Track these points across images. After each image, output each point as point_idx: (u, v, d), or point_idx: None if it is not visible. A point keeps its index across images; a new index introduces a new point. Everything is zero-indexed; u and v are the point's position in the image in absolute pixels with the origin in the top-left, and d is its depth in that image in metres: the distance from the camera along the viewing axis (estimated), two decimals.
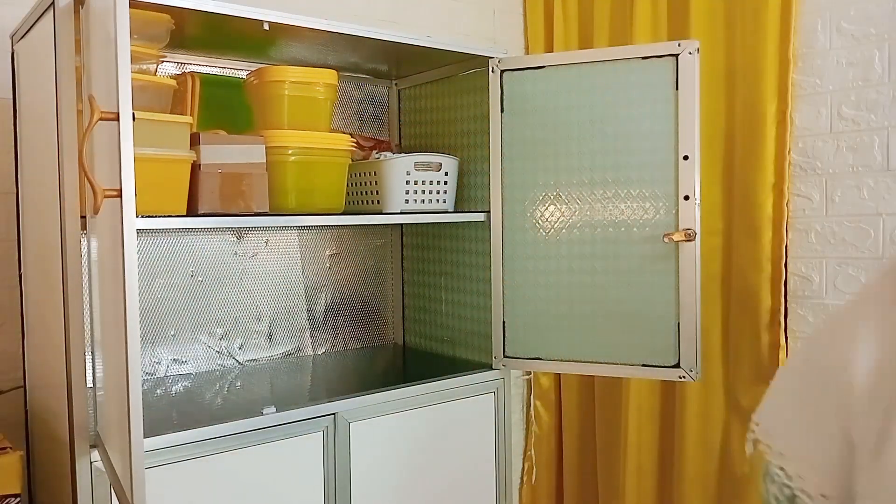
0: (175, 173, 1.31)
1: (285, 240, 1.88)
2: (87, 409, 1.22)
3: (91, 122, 0.99)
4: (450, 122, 1.84)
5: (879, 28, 1.78)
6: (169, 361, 1.71)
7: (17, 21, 1.41)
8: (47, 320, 1.33)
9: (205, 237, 1.75)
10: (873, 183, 1.81)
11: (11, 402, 1.53)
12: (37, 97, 1.32)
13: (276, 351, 1.87)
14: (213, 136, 1.37)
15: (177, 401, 1.56)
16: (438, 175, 1.71)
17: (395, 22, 2.09)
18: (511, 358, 1.71)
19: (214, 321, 1.77)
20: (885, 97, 1.78)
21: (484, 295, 1.75)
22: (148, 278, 1.66)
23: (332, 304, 1.96)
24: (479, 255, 1.78)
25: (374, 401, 1.50)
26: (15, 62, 1.47)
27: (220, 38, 1.55)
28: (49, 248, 1.27)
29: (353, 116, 1.98)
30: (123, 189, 0.99)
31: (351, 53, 1.69)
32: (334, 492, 1.44)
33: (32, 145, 1.39)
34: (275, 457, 1.36)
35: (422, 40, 1.60)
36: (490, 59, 1.67)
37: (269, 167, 1.42)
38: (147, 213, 1.22)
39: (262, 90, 1.50)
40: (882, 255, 1.83)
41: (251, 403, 1.46)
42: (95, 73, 1.18)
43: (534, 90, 1.65)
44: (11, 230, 1.52)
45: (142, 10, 1.23)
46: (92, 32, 1.19)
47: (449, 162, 1.73)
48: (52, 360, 1.28)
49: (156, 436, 1.23)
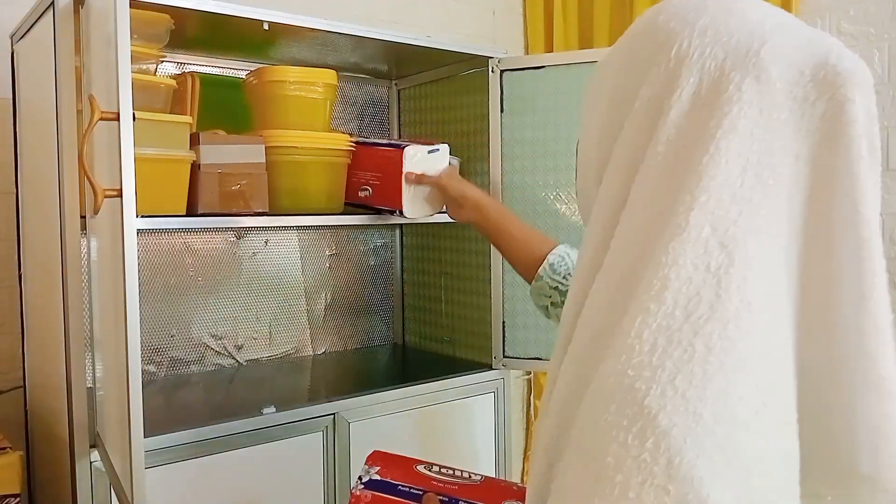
0: (175, 173, 1.31)
1: (285, 240, 1.88)
2: (87, 409, 1.22)
3: (91, 122, 0.99)
4: (450, 122, 1.84)
5: (879, 28, 1.79)
6: (169, 361, 1.71)
7: (17, 21, 1.41)
8: (47, 320, 1.33)
9: (205, 237, 1.75)
10: None
11: (11, 402, 1.53)
12: (37, 97, 1.32)
13: (276, 351, 1.87)
14: (212, 136, 1.37)
15: (177, 401, 1.56)
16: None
17: (395, 22, 2.09)
18: (511, 358, 1.71)
19: (214, 321, 1.77)
20: (885, 97, 1.78)
21: (484, 295, 1.75)
22: (148, 278, 1.66)
23: (332, 304, 1.96)
24: (479, 255, 1.78)
25: (374, 401, 1.50)
26: (15, 62, 1.47)
27: (220, 38, 1.55)
28: (49, 248, 1.27)
29: (353, 116, 1.98)
30: (123, 189, 0.99)
31: (351, 53, 1.69)
32: (334, 492, 1.44)
33: (32, 145, 1.39)
34: (275, 457, 1.36)
35: (422, 40, 1.60)
36: (490, 59, 1.67)
37: (269, 167, 1.42)
38: (147, 213, 1.22)
39: (260, 90, 1.50)
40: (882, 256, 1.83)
41: (251, 403, 1.46)
42: (95, 73, 1.18)
43: (534, 90, 1.65)
44: (11, 230, 1.52)
45: (142, 10, 1.23)
46: (92, 32, 1.19)
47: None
48: (52, 360, 1.28)
49: (156, 435, 1.23)
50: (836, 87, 0.47)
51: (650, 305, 0.46)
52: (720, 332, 0.44)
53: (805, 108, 0.48)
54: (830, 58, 0.48)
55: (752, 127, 0.47)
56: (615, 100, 0.56)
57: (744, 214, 0.46)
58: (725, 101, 0.48)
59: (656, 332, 0.45)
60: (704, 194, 0.46)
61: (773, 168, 0.47)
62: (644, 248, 0.48)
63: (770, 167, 0.47)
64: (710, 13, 0.51)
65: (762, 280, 0.46)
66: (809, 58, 0.48)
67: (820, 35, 0.50)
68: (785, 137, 0.48)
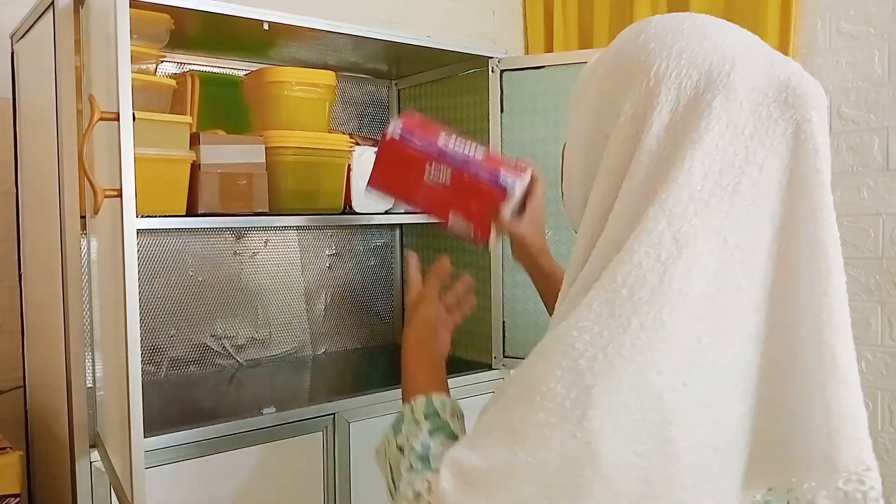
0: (175, 173, 1.31)
1: (285, 240, 1.88)
2: (87, 409, 1.22)
3: (91, 122, 0.99)
4: (450, 122, 1.84)
5: (879, 28, 1.78)
6: (169, 361, 1.71)
7: (17, 21, 1.41)
8: (47, 320, 1.33)
9: (205, 237, 1.75)
10: (873, 183, 1.81)
11: (11, 402, 1.53)
12: (37, 97, 1.32)
13: (276, 351, 1.87)
14: (212, 136, 1.38)
15: (177, 401, 1.56)
16: None
17: (395, 22, 2.09)
18: (511, 358, 1.71)
19: (214, 321, 1.77)
20: (885, 97, 1.78)
21: (484, 295, 1.75)
22: (148, 278, 1.66)
23: (332, 304, 1.96)
24: (479, 255, 1.78)
25: (374, 401, 1.50)
26: (15, 62, 1.47)
27: (220, 38, 1.55)
28: (49, 248, 1.27)
29: (353, 116, 1.98)
30: (123, 189, 0.99)
31: (351, 53, 1.69)
32: (334, 492, 1.44)
33: (32, 145, 1.39)
34: (275, 457, 1.36)
35: (422, 40, 1.60)
36: (490, 59, 1.67)
37: (269, 167, 1.42)
38: (147, 213, 1.22)
39: (258, 91, 1.50)
40: (882, 255, 1.83)
41: (251, 403, 1.46)
42: (95, 73, 1.18)
43: (534, 90, 1.65)
44: (11, 230, 1.52)
45: (142, 10, 1.23)
46: (92, 32, 1.19)
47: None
48: (52, 360, 1.28)
49: (156, 435, 1.23)
50: (796, 108, 0.54)
51: (605, 281, 0.53)
52: (655, 314, 0.51)
53: (769, 125, 0.54)
54: (792, 81, 0.55)
55: (718, 139, 0.53)
56: (599, 111, 0.62)
57: (699, 215, 0.52)
58: (699, 119, 0.54)
59: (603, 304, 0.52)
60: (665, 193, 0.53)
61: (735, 177, 0.53)
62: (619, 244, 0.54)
63: (731, 176, 0.53)
64: (685, 37, 0.57)
65: (706, 274, 0.52)
66: (774, 80, 0.55)
67: (783, 59, 0.57)
68: (749, 150, 0.54)
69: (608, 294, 0.52)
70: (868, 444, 0.53)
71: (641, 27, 0.61)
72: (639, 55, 0.59)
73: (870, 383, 1.83)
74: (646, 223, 0.53)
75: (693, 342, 0.51)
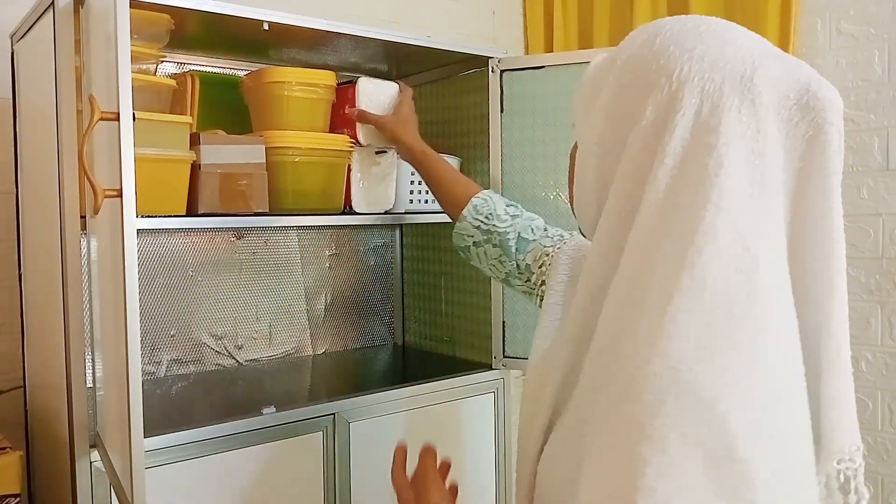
0: (175, 173, 1.31)
1: (285, 240, 1.88)
2: (87, 409, 1.22)
3: (91, 122, 0.99)
4: (450, 122, 1.84)
5: (879, 28, 1.79)
6: (169, 361, 1.71)
7: (17, 21, 1.41)
8: (47, 320, 1.33)
9: (205, 237, 1.75)
10: (873, 183, 1.81)
11: (11, 402, 1.53)
12: (37, 97, 1.32)
13: (276, 351, 1.87)
14: (212, 136, 1.37)
15: (177, 401, 1.56)
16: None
17: (395, 22, 2.09)
18: (511, 358, 1.71)
19: (214, 321, 1.77)
20: (885, 97, 1.78)
21: (484, 295, 1.75)
22: (148, 278, 1.66)
23: (332, 304, 1.96)
24: None
25: (374, 401, 1.50)
26: (15, 62, 1.47)
27: (220, 38, 1.55)
28: (49, 248, 1.27)
29: None
30: (123, 189, 0.99)
31: (351, 53, 1.69)
32: (334, 492, 1.44)
33: (32, 145, 1.39)
34: (275, 457, 1.36)
35: (422, 40, 1.60)
36: (490, 59, 1.67)
37: (269, 167, 1.42)
38: (147, 213, 1.22)
39: (258, 91, 1.50)
40: (882, 255, 1.83)
41: (251, 403, 1.46)
42: (95, 73, 1.18)
43: (534, 90, 1.65)
44: (11, 230, 1.52)
45: (142, 10, 1.23)
46: (92, 32, 1.19)
47: (450, 162, 1.73)
48: (52, 360, 1.28)
49: (156, 436, 1.23)
50: (816, 111, 0.56)
51: (688, 304, 0.51)
52: (755, 326, 0.51)
53: (790, 128, 0.56)
54: (811, 85, 0.56)
55: (752, 144, 0.55)
56: (614, 116, 0.62)
57: (758, 221, 0.54)
58: (727, 122, 0.55)
59: (700, 329, 0.51)
60: (728, 203, 0.53)
61: (769, 178, 0.55)
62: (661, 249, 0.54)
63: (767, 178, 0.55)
64: (704, 41, 0.58)
65: (777, 276, 0.54)
66: (794, 84, 0.56)
67: (797, 63, 0.58)
68: (774, 152, 0.55)
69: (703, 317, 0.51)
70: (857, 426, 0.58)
71: (655, 31, 0.61)
72: (658, 59, 0.59)
73: (870, 383, 1.83)
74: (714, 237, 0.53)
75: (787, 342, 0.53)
